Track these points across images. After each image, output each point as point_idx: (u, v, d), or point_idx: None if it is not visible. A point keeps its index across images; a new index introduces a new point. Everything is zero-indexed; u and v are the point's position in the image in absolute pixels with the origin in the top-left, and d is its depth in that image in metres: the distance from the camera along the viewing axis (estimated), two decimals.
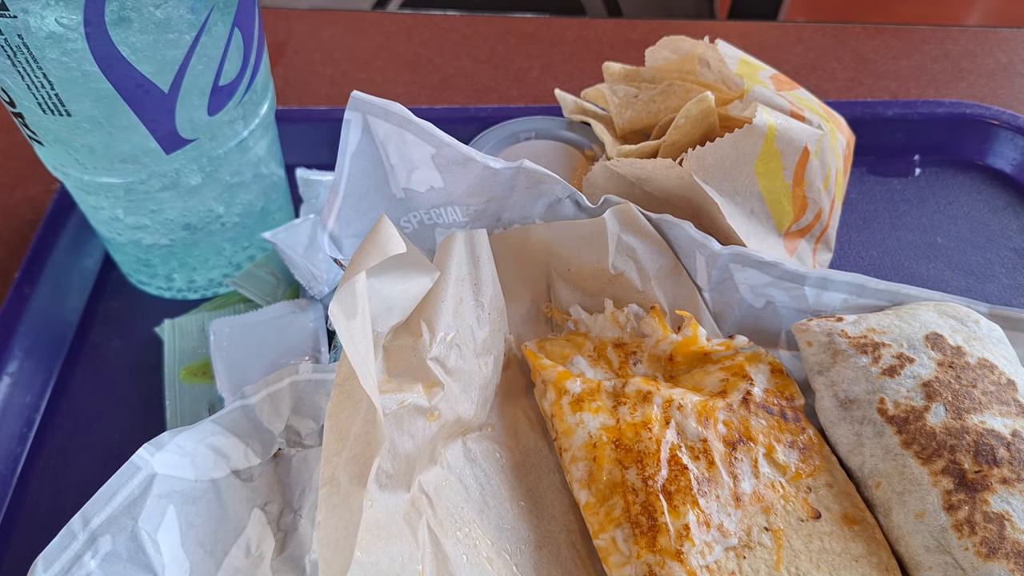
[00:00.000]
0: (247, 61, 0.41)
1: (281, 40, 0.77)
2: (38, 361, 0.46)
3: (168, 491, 0.32)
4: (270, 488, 0.34)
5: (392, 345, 0.37)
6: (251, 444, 0.35)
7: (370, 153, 0.37)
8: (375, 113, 0.36)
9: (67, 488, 0.42)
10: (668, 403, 0.37)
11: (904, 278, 0.50)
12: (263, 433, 0.35)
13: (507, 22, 0.81)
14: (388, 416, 0.33)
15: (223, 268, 0.49)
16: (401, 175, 0.38)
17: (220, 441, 0.34)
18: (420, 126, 0.36)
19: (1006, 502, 0.33)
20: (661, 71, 0.50)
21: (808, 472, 0.37)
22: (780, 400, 0.39)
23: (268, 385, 0.35)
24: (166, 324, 0.47)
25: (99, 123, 0.37)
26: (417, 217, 0.40)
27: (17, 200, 0.59)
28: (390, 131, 0.36)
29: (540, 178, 0.39)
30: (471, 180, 0.39)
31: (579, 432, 0.36)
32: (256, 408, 0.34)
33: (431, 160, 0.37)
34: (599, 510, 0.34)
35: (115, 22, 0.34)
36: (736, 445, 0.36)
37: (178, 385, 0.44)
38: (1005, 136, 0.60)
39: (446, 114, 0.61)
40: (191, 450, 0.33)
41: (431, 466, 0.35)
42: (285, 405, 0.35)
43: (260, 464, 0.34)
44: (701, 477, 0.35)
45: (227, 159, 0.43)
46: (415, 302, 0.37)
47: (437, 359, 0.36)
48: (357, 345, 0.31)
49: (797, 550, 0.34)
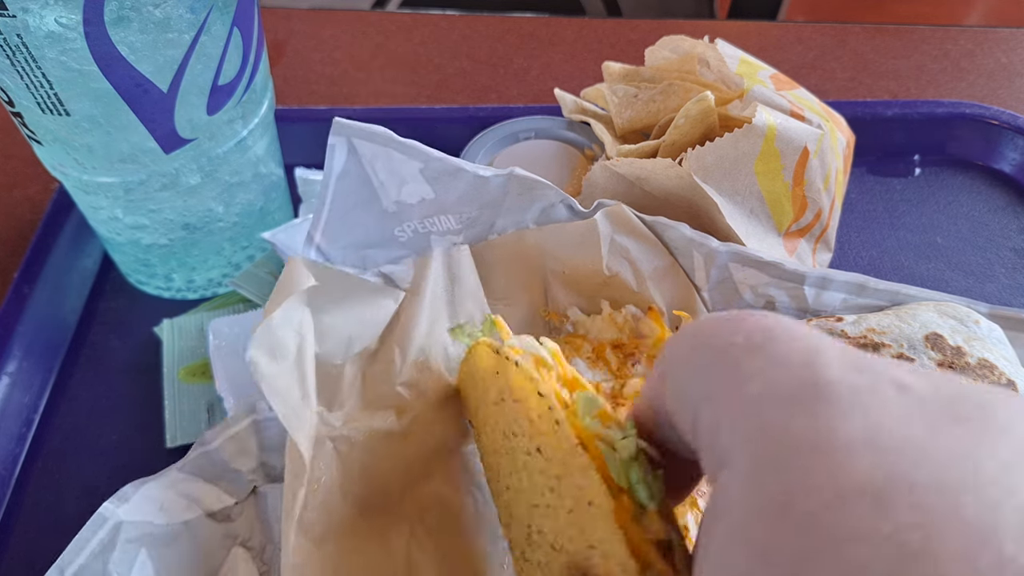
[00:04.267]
0: (246, 60, 0.41)
1: (280, 40, 0.77)
2: (37, 361, 0.46)
3: (138, 535, 0.32)
4: (251, 525, 0.34)
5: (369, 372, 0.37)
6: (222, 486, 0.35)
7: (356, 173, 0.37)
8: (360, 136, 0.36)
9: (66, 488, 0.41)
10: None
11: (904, 278, 0.50)
12: (232, 474, 0.35)
13: (506, 22, 0.81)
14: (358, 445, 0.34)
15: (222, 268, 0.49)
16: (391, 190, 0.38)
17: (188, 486, 0.34)
18: (406, 145, 0.37)
19: None
20: (661, 71, 0.50)
21: None
22: None
23: (228, 427, 0.35)
24: (165, 324, 0.47)
25: (98, 123, 0.37)
26: (411, 226, 0.40)
27: (16, 200, 0.59)
28: (376, 151, 0.37)
29: (532, 185, 0.39)
30: (462, 189, 0.39)
31: None
32: (219, 451, 0.34)
33: (420, 174, 0.38)
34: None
35: (114, 21, 0.34)
36: None
37: (177, 385, 0.44)
38: (1005, 136, 0.60)
39: (445, 114, 0.61)
40: (159, 497, 0.33)
41: (415, 486, 0.35)
42: (252, 443, 0.35)
43: (237, 504, 0.34)
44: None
45: (226, 159, 0.43)
46: (381, 327, 0.37)
47: (406, 383, 0.37)
48: (278, 389, 0.31)
49: None
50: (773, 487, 0.15)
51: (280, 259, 0.47)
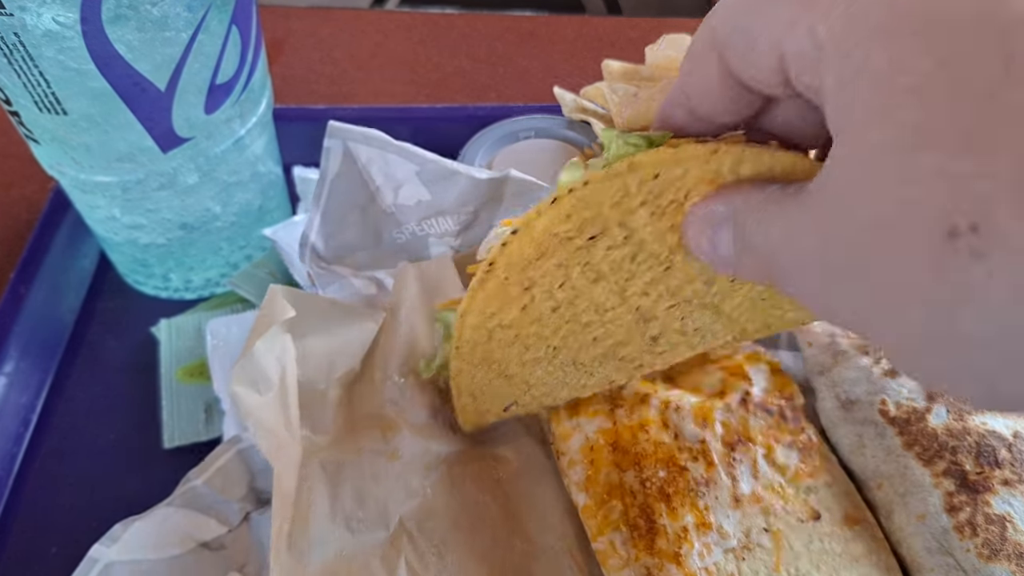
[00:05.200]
0: (244, 59, 0.41)
1: (279, 38, 0.77)
2: (34, 361, 0.46)
3: (129, 573, 0.32)
4: (246, 551, 0.34)
5: (352, 392, 0.37)
6: (213, 516, 0.34)
7: (352, 175, 0.37)
8: (355, 139, 0.36)
9: (64, 489, 0.41)
10: (666, 405, 0.37)
11: None
12: (223, 504, 0.34)
13: (506, 20, 0.80)
14: (347, 465, 0.34)
15: (220, 268, 0.49)
16: (388, 194, 0.38)
17: (179, 520, 0.33)
18: (402, 148, 0.37)
19: (1008, 504, 0.33)
20: (661, 69, 0.49)
21: (808, 473, 0.37)
22: (779, 400, 0.39)
23: (215, 460, 0.35)
24: (163, 324, 0.47)
25: (95, 121, 0.37)
26: (409, 229, 0.40)
27: (12, 199, 0.59)
28: (373, 155, 0.37)
29: (528, 187, 0.39)
30: (458, 191, 0.39)
31: (576, 436, 0.36)
32: (206, 486, 0.34)
33: (416, 176, 0.38)
34: (597, 513, 0.34)
35: (112, 20, 0.33)
36: (735, 446, 0.36)
37: (174, 385, 0.44)
38: None
39: (445, 113, 0.61)
40: (149, 532, 0.33)
41: (410, 500, 0.35)
42: (239, 472, 0.35)
43: (230, 532, 0.34)
44: (700, 479, 0.35)
45: (224, 158, 0.43)
46: (364, 348, 0.37)
47: (390, 400, 0.37)
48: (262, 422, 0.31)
49: (797, 551, 0.34)
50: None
51: (279, 259, 0.47)
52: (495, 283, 0.30)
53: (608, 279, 0.30)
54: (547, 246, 0.29)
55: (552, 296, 0.30)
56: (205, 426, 0.43)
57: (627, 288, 0.30)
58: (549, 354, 0.33)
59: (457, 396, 0.35)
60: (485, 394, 0.35)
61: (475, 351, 0.32)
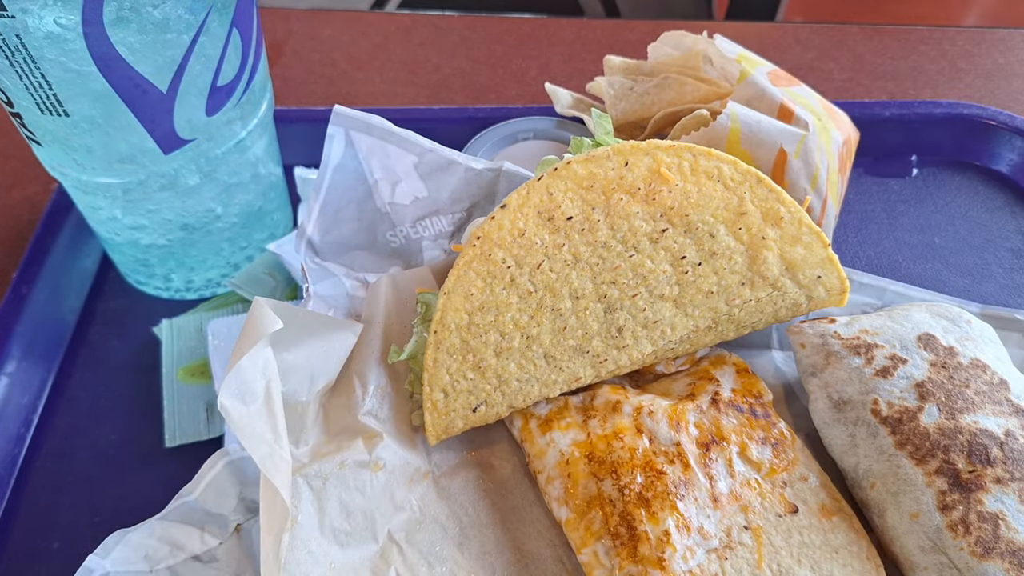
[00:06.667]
0: (245, 61, 0.41)
1: (279, 40, 0.77)
2: (36, 361, 0.46)
3: None
4: (239, 562, 0.35)
5: (330, 405, 0.38)
6: (205, 528, 0.35)
7: (352, 167, 0.38)
8: (357, 127, 0.37)
9: (65, 488, 0.42)
10: (638, 411, 0.37)
11: (901, 278, 0.50)
12: (214, 517, 0.35)
13: (505, 22, 0.81)
14: (331, 478, 0.35)
15: (221, 268, 0.50)
16: (385, 190, 0.38)
17: (171, 533, 0.34)
18: (402, 136, 0.37)
19: (1000, 501, 0.33)
20: (662, 66, 0.50)
21: (782, 467, 0.37)
22: (748, 398, 0.39)
23: (206, 474, 0.35)
24: (164, 324, 0.47)
25: (97, 123, 0.37)
26: (403, 231, 0.40)
27: (15, 200, 0.59)
28: (373, 145, 0.37)
29: (521, 182, 0.40)
30: (454, 184, 0.39)
31: (551, 452, 0.36)
32: (198, 501, 0.34)
33: (414, 170, 0.38)
34: (579, 525, 0.34)
35: (113, 22, 0.34)
36: (709, 446, 0.36)
37: (176, 385, 0.45)
38: (1002, 137, 0.60)
39: (444, 114, 0.61)
40: (142, 545, 0.33)
41: (398, 513, 0.35)
42: (230, 484, 0.35)
43: (221, 544, 0.35)
44: (677, 481, 0.35)
45: (225, 159, 0.43)
46: (342, 361, 0.38)
47: (370, 412, 0.37)
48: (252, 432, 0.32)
49: (778, 547, 0.34)
50: None
51: (278, 259, 0.48)
52: (480, 258, 0.33)
53: (583, 261, 0.33)
54: (530, 222, 0.32)
55: (531, 279, 0.33)
56: (206, 425, 0.43)
57: (599, 275, 0.34)
58: (523, 344, 0.35)
59: (428, 392, 0.36)
60: (456, 391, 0.36)
61: (453, 336, 0.34)
